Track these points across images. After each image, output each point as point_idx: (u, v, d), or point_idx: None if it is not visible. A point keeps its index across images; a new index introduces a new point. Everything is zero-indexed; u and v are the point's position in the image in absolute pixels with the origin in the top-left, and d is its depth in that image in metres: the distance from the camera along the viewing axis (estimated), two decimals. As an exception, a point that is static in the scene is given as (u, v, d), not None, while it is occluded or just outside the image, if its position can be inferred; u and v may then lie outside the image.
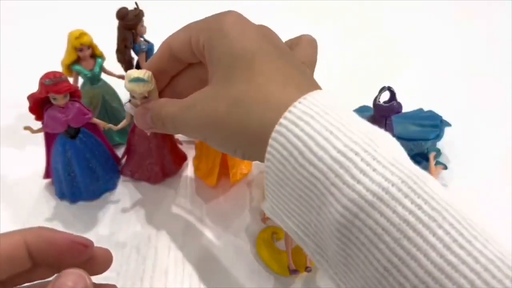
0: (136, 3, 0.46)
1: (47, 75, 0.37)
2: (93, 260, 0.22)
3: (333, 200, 0.21)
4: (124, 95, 0.51)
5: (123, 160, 0.47)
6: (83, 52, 0.44)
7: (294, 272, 0.38)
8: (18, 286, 0.22)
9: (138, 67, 0.49)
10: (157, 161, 0.45)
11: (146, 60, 0.49)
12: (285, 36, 0.34)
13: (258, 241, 0.41)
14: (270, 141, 0.23)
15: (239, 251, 0.41)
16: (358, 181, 0.20)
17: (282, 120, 0.23)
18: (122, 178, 0.47)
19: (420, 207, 0.19)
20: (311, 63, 0.31)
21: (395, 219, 0.19)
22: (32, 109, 0.39)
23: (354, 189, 0.20)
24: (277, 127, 0.23)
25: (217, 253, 0.41)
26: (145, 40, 0.48)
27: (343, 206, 0.20)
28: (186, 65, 0.32)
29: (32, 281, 0.22)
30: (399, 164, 0.21)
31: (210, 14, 0.31)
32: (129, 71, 0.35)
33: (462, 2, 0.77)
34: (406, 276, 0.19)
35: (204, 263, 0.40)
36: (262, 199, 0.45)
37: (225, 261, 0.40)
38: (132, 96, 0.39)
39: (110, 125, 0.43)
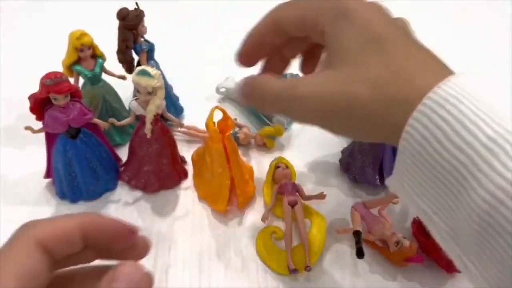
0: (136, 4, 0.46)
1: (48, 76, 0.37)
2: (134, 246, 0.23)
3: (478, 186, 0.21)
4: (124, 95, 0.51)
5: (123, 162, 0.47)
6: (83, 53, 0.44)
7: (293, 271, 0.38)
8: (65, 269, 0.22)
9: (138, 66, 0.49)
10: (154, 169, 0.44)
11: (147, 60, 0.49)
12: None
13: (258, 241, 0.41)
14: (411, 121, 0.23)
15: (239, 250, 0.41)
16: (508, 169, 0.20)
17: (426, 101, 0.22)
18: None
19: None
20: None
21: None
22: (33, 109, 0.39)
23: (504, 176, 0.20)
24: (420, 107, 0.22)
25: (217, 252, 0.41)
26: (146, 40, 0.49)
27: (490, 193, 0.20)
28: (287, 38, 0.30)
29: (75, 265, 0.23)
30: None
31: (210, 14, 0.31)
32: (139, 66, 0.38)
33: (462, 2, 0.77)
34: None
35: (204, 262, 0.40)
36: (264, 199, 0.45)
37: (225, 261, 0.40)
38: (137, 91, 0.40)
39: (113, 120, 0.43)
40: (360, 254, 0.38)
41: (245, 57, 0.31)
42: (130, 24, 0.46)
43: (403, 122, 0.23)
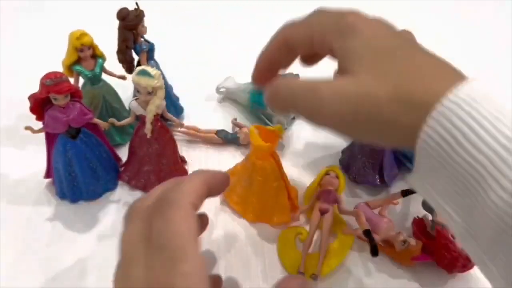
0: (136, 4, 0.46)
1: (48, 76, 0.37)
2: None
3: (497, 187, 0.21)
4: (124, 95, 0.51)
5: (123, 162, 0.47)
6: (83, 53, 0.44)
7: (300, 274, 0.38)
8: None
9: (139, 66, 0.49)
10: (154, 169, 0.45)
11: (147, 60, 0.49)
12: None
13: (281, 237, 0.41)
14: (430, 121, 0.23)
15: (236, 248, 0.41)
16: None
17: (444, 102, 0.23)
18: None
19: None
20: None
21: None
22: (33, 109, 0.39)
23: None
24: (439, 108, 0.23)
25: (217, 251, 0.41)
26: (146, 40, 0.49)
27: (508, 193, 0.21)
28: (296, 56, 0.32)
29: None
30: None
31: (210, 14, 0.31)
32: (139, 66, 0.38)
33: (462, 2, 0.77)
34: None
35: (205, 262, 0.40)
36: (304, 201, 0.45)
37: (224, 260, 0.40)
38: (137, 91, 0.40)
39: (113, 120, 0.43)
40: (375, 252, 0.38)
41: (260, 78, 0.33)
42: (130, 24, 0.46)
43: (420, 124, 0.23)
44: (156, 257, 0.22)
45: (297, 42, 0.30)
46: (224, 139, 0.51)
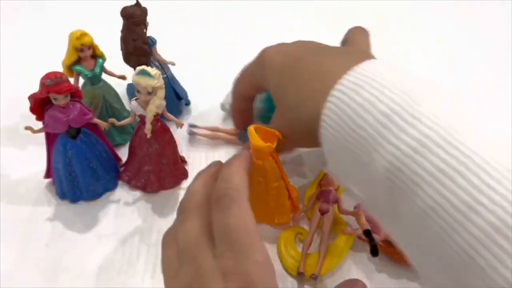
0: (137, 1, 0.46)
1: (48, 76, 0.37)
2: None
3: (379, 157, 0.24)
4: (124, 96, 0.51)
5: (123, 162, 0.47)
6: (84, 53, 0.44)
7: (300, 274, 0.38)
8: None
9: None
10: (154, 169, 0.44)
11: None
12: (284, 36, 0.34)
13: (280, 238, 0.41)
14: (324, 111, 0.27)
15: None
16: (398, 138, 0.24)
17: (333, 92, 0.27)
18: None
19: (451, 155, 0.22)
20: (367, 46, 0.38)
21: (429, 167, 0.23)
22: (33, 109, 0.39)
23: (396, 145, 0.24)
24: (329, 98, 0.27)
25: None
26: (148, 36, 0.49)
27: (387, 161, 0.24)
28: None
29: None
30: (436, 117, 0.23)
31: (209, 13, 0.32)
32: (139, 66, 0.38)
33: (462, 2, 0.77)
34: (442, 216, 0.22)
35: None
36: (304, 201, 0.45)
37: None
38: (137, 91, 0.40)
39: (113, 120, 0.43)
40: (375, 252, 0.38)
41: (241, 126, 0.46)
42: (139, 20, 0.46)
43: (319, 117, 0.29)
44: (224, 248, 0.23)
45: (247, 94, 0.42)
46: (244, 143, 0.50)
